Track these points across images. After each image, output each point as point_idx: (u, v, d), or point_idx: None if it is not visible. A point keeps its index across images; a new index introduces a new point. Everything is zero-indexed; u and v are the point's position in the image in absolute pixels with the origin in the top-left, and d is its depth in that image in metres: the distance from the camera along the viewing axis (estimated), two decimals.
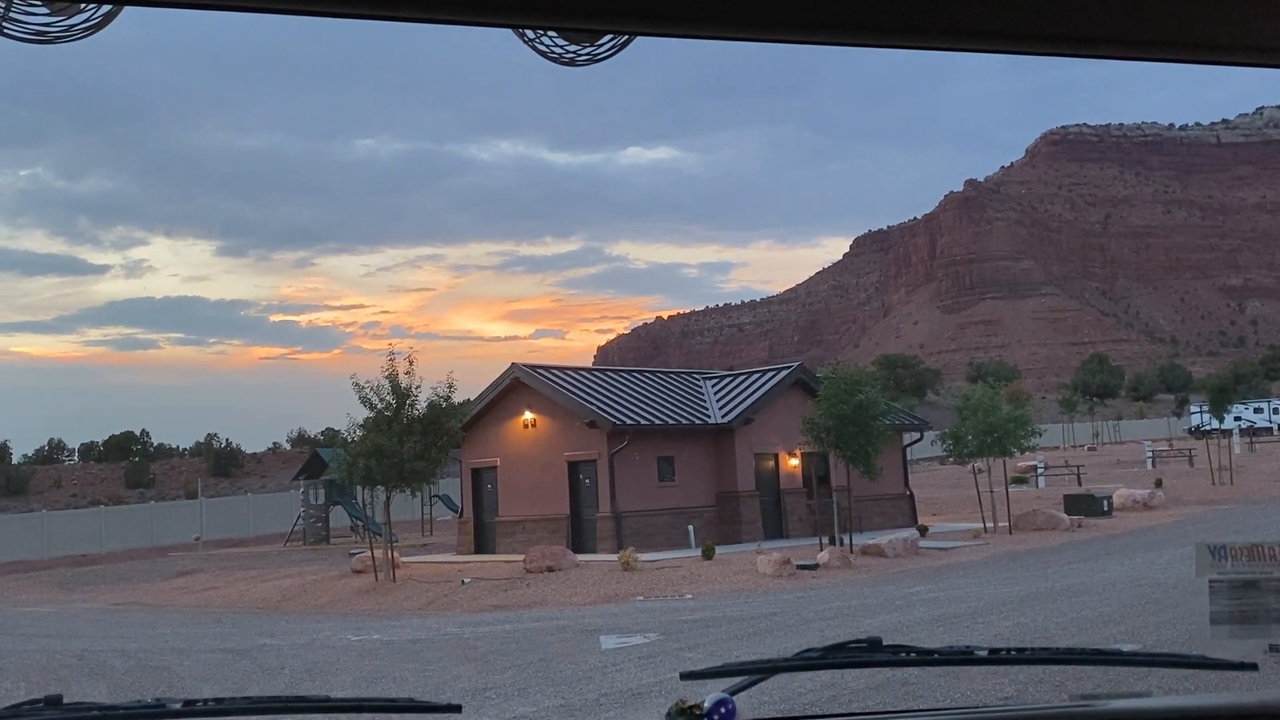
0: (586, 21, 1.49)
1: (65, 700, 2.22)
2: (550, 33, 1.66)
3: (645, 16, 1.43)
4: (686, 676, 2.33)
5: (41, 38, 1.54)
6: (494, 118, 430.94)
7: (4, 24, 1.53)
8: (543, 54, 1.74)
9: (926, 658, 2.36)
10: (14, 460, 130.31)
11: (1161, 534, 29.91)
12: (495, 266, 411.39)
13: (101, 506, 63.84)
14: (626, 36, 1.65)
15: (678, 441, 32.82)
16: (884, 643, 2.38)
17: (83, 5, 1.53)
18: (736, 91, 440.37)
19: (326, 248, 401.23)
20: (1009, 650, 2.51)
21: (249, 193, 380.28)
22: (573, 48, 1.72)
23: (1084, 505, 35.97)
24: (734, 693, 2.35)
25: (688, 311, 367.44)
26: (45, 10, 1.53)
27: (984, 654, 2.40)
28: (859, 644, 2.39)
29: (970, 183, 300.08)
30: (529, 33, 1.65)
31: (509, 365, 34.08)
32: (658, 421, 32.36)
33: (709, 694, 2.30)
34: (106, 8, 1.53)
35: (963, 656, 2.46)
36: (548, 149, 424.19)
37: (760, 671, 2.43)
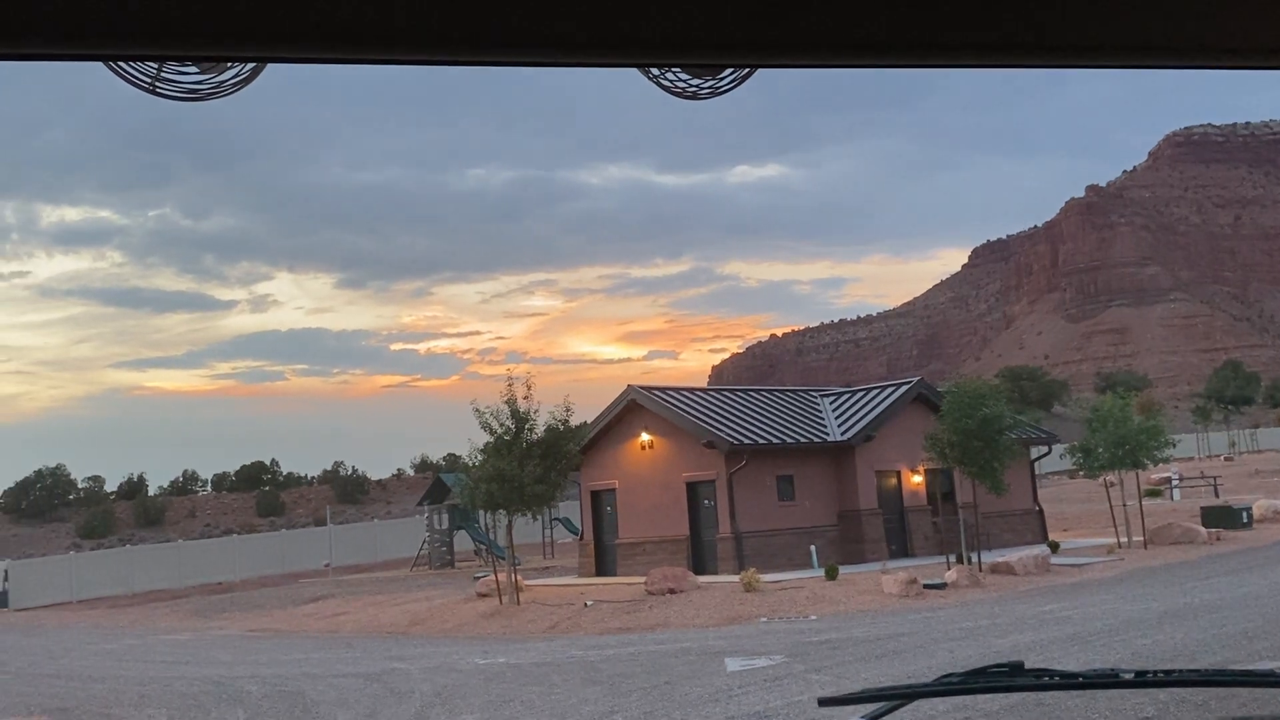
0: (710, 57, 1.50)
1: None
2: (674, 68, 1.68)
3: (767, 49, 1.44)
4: (825, 703, 2.32)
5: (194, 96, 1.61)
6: (602, 142, 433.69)
7: (156, 85, 1.60)
8: (666, 89, 1.77)
9: (1070, 681, 2.31)
10: (150, 492, 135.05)
11: None
12: (607, 289, 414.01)
13: (234, 535, 65.71)
14: (748, 69, 1.66)
15: (797, 460, 32.57)
16: (1026, 666, 2.34)
17: (229, 64, 1.58)
18: (843, 105, 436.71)
19: (443, 276, 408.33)
20: (1155, 672, 2.44)
21: (367, 225, 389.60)
22: (695, 82, 1.74)
23: (1222, 517, 34.74)
24: None
25: (802, 328, 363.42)
26: (195, 70, 1.59)
27: (1130, 676, 2.34)
28: (1000, 668, 2.35)
29: (1092, 188, 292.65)
30: (654, 69, 1.68)
31: (625, 387, 34.24)
32: (776, 440, 32.18)
33: None
34: (251, 65, 1.59)
35: (1108, 679, 2.40)
36: (656, 171, 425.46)
37: (900, 698, 2.40)
